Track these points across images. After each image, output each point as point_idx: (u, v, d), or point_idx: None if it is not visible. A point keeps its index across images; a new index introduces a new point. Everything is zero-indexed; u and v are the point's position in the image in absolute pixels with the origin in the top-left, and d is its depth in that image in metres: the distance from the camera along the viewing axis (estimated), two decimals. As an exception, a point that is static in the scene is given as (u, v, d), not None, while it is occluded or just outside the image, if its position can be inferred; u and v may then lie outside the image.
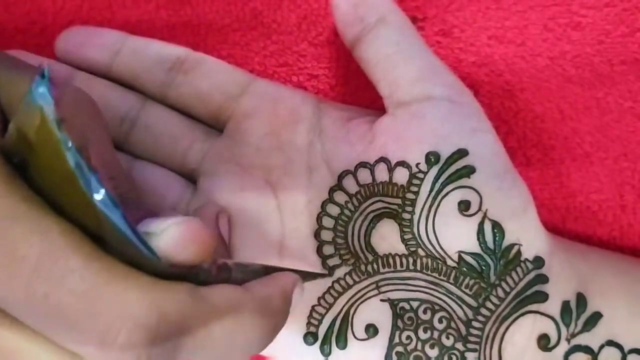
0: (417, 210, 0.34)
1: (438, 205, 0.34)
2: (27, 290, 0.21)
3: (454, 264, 0.34)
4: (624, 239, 0.39)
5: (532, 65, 0.38)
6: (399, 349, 0.34)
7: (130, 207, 0.25)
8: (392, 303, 0.34)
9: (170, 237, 0.23)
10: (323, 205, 0.35)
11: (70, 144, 0.21)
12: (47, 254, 0.21)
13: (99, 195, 0.21)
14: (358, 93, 0.39)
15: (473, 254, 0.34)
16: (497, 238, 0.33)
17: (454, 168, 0.34)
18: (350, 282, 0.34)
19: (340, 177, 0.35)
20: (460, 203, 0.34)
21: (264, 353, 0.36)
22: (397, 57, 0.35)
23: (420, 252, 0.34)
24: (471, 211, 0.34)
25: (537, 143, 0.39)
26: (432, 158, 0.34)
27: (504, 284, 0.34)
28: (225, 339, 0.24)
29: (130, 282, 0.22)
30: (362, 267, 0.34)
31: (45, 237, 0.21)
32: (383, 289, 0.34)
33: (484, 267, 0.34)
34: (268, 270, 0.29)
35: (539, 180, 0.39)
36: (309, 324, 0.34)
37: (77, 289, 0.21)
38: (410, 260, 0.34)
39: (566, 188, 0.39)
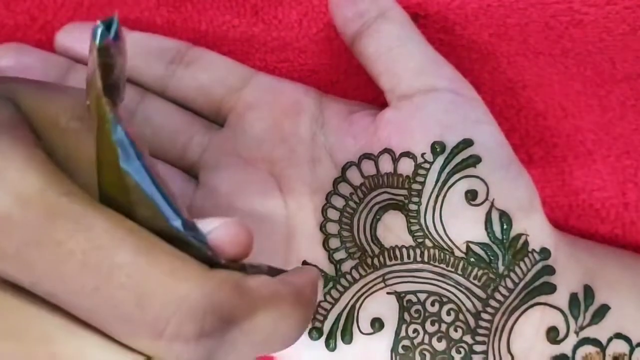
0: (424, 200, 0.34)
1: (445, 195, 0.34)
2: (76, 284, 0.21)
3: (462, 255, 0.33)
4: (627, 237, 0.39)
5: (534, 62, 0.38)
6: (406, 342, 0.33)
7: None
8: (399, 296, 0.34)
9: (223, 233, 0.24)
10: (328, 197, 0.35)
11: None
12: (93, 250, 0.21)
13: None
14: (359, 89, 0.39)
15: (481, 244, 0.33)
16: (505, 228, 0.33)
17: (459, 158, 0.33)
18: (357, 276, 0.34)
19: (344, 168, 0.35)
20: (467, 193, 0.33)
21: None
22: (398, 51, 0.35)
23: (428, 243, 0.34)
24: (478, 201, 0.33)
25: (540, 140, 0.39)
26: (437, 148, 0.34)
27: (512, 275, 0.33)
28: (268, 329, 0.24)
29: (180, 274, 0.22)
30: (369, 261, 0.34)
31: (89, 234, 0.21)
32: (390, 281, 0.34)
33: (492, 258, 0.33)
34: (272, 272, 0.28)
35: (542, 178, 0.39)
36: (314, 319, 0.34)
37: (126, 283, 0.21)
38: (418, 251, 0.34)
39: (569, 186, 0.39)
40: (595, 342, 0.33)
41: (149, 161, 0.23)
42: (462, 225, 0.33)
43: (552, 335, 0.33)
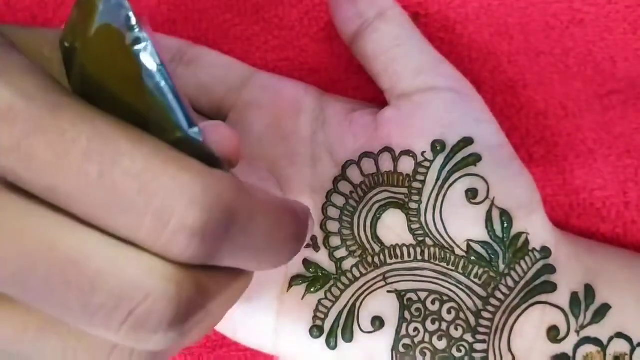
0: (424, 199, 0.34)
1: (445, 193, 0.33)
2: (80, 172, 0.20)
3: (463, 253, 0.33)
4: (628, 236, 0.39)
5: (534, 62, 0.38)
6: (406, 341, 0.33)
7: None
8: (399, 294, 0.34)
9: (218, 132, 0.23)
10: (328, 195, 0.35)
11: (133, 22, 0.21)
12: (97, 138, 0.20)
13: (157, 66, 0.21)
14: (360, 88, 0.39)
15: (482, 243, 0.33)
16: (505, 226, 0.33)
17: (460, 156, 0.33)
18: (357, 274, 0.34)
19: (344, 167, 0.35)
20: (467, 191, 0.33)
21: (268, 352, 0.35)
22: (397, 50, 0.35)
23: (428, 241, 0.33)
24: (479, 199, 0.33)
25: (540, 140, 0.39)
26: (438, 146, 0.33)
27: (513, 273, 0.33)
28: (266, 234, 0.23)
29: (183, 165, 0.21)
30: (369, 259, 0.34)
31: (92, 124, 0.20)
32: (390, 280, 0.34)
33: (492, 256, 0.33)
34: None
35: (542, 177, 0.38)
36: (315, 317, 0.34)
37: (130, 170, 0.20)
38: (418, 250, 0.34)
39: (569, 185, 0.39)
40: (596, 341, 0.33)
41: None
42: (463, 224, 0.33)
43: (553, 334, 0.33)
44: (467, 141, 0.33)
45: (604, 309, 0.33)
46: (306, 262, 0.34)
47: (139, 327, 0.21)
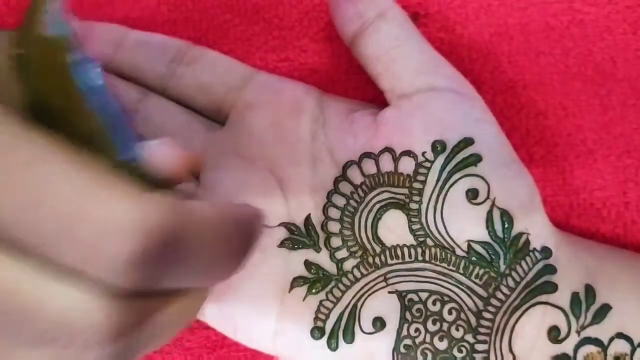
0: (425, 199, 0.34)
1: (446, 194, 0.33)
2: (14, 199, 0.20)
3: (463, 254, 0.33)
4: (628, 236, 0.39)
5: (534, 62, 0.38)
6: (407, 341, 0.33)
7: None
8: (400, 295, 0.33)
9: (157, 151, 0.23)
10: (329, 195, 0.35)
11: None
12: (32, 163, 0.20)
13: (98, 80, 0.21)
14: (360, 88, 0.39)
15: (482, 243, 0.33)
16: (506, 226, 0.33)
17: (460, 156, 0.33)
18: (358, 275, 0.34)
19: (345, 167, 0.35)
20: (468, 191, 0.33)
21: (268, 353, 0.35)
22: (397, 51, 0.35)
23: (429, 242, 0.33)
24: (479, 199, 0.33)
25: (540, 140, 0.39)
26: (438, 147, 0.33)
27: (514, 274, 0.33)
28: (208, 251, 0.23)
29: (118, 191, 0.21)
30: (370, 260, 0.34)
31: (29, 148, 0.20)
32: (391, 280, 0.34)
33: (493, 257, 0.33)
34: None
35: (542, 177, 0.39)
36: (316, 318, 0.34)
37: (65, 198, 0.20)
38: (419, 250, 0.34)
39: (569, 185, 0.39)
40: (596, 341, 0.33)
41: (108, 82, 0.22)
42: (463, 224, 0.33)
43: (554, 334, 0.33)
44: (468, 141, 0.33)
45: (605, 309, 0.33)
46: (307, 263, 0.34)
47: (79, 355, 0.22)
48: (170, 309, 0.24)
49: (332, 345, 0.33)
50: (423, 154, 0.34)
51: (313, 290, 0.34)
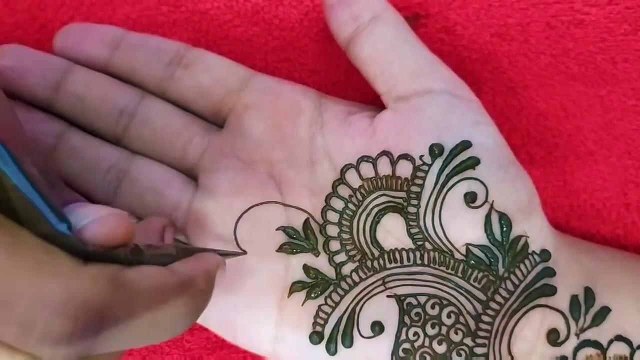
0: (423, 203, 0.34)
1: (444, 197, 0.33)
2: None
3: (462, 257, 0.33)
4: (628, 237, 0.39)
5: (535, 62, 0.38)
6: (406, 345, 0.33)
7: (54, 187, 0.24)
8: (399, 299, 0.33)
9: (97, 226, 0.23)
10: (327, 199, 0.35)
11: None
12: None
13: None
14: (359, 89, 0.39)
15: (481, 246, 0.33)
16: (504, 230, 0.33)
17: (458, 160, 0.33)
18: (357, 279, 0.34)
19: (343, 171, 0.35)
20: (466, 195, 0.33)
21: (268, 357, 0.35)
22: (393, 54, 0.35)
23: (427, 245, 0.33)
24: (477, 203, 0.33)
25: (541, 141, 0.39)
26: (436, 150, 0.33)
27: (512, 277, 0.33)
28: (150, 322, 0.23)
29: (47, 269, 0.21)
30: (369, 263, 0.34)
31: None
32: (390, 284, 0.34)
33: (492, 260, 0.33)
34: (182, 253, 0.28)
35: (543, 178, 0.39)
36: (315, 323, 0.34)
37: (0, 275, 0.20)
38: (417, 254, 0.34)
39: (570, 186, 0.39)
40: (596, 344, 0.33)
41: (22, 161, 0.21)
42: (462, 228, 0.33)
43: (553, 337, 0.33)
44: (465, 144, 0.33)
45: (604, 311, 0.33)
46: (306, 267, 0.34)
47: None
48: None
49: (331, 350, 0.33)
50: (421, 157, 0.34)
51: (312, 295, 0.34)
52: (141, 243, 0.26)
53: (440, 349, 0.33)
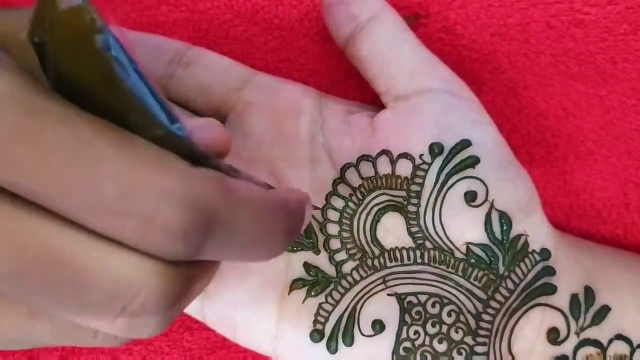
0: (423, 202, 0.34)
1: (444, 196, 0.33)
2: (62, 178, 0.20)
3: (462, 256, 0.33)
4: (628, 237, 0.39)
5: (535, 62, 0.38)
6: (407, 344, 0.33)
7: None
8: (399, 297, 0.34)
9: (203, 131, 0.24)
10: (327, 197, 0.35)
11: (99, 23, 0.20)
12: (77, 143, 0.20)
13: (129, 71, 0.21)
14: (359, 89, 0.39)
15: (481, 245, 0.33)
16: (504, 228, 0.33)
17: (458, 159, 0.33)
18: (357, 277, 0.34)
19: (343, 170, 0.35)
20: (466, 194, 0.33)
21: (268, 355, 0.35)
22: (392, 53, 0.35)
23: (428, 244, 0.33)
24: (478, 202, 0.33)
25: (541, 140, 0.39)
26: (435, 149, 0.33)
27: (513, 276, 0.33)
28: (252, 234, 0.24)
29: (163, 166, 0.21)
30: (369, 262, 0.34)
31: (72, 128, 0.20)
32: (390, 283, 0.34)
33: (492, 259, 0.33)
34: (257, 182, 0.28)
35: (543, 178, 0.39)
36: (315, 321, 0.34)
37: (112, 174, 0.20)
38: (418, 253, 0.34)
39: (570, 186, 0.39)
40: (596, 343, 0.33)
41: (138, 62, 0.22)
42: (462, 227, 0.33)
43: (553, 336, 0.33)
44: (465, 143, 0.33)
45: (604, 310, 0.34)
46: (307, 265, 0.34)
47: (132, 320, 0.22)
48: (201, 281, 0.25)
49: (332, 348, 0.33)
50: (420, 156, 0.34)
51: (312, 293, 0.34)
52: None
53: (441, 347, 0.33)
